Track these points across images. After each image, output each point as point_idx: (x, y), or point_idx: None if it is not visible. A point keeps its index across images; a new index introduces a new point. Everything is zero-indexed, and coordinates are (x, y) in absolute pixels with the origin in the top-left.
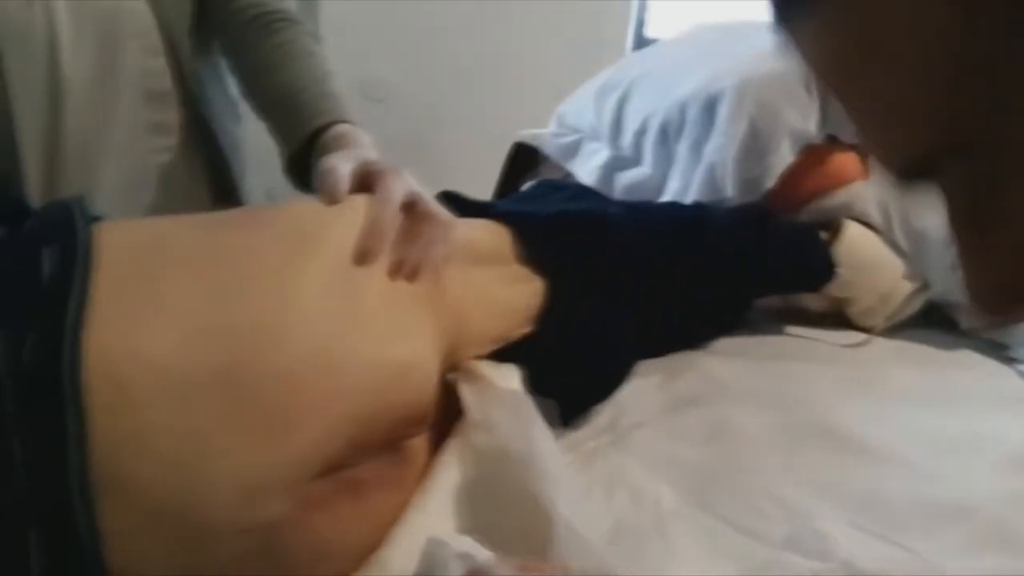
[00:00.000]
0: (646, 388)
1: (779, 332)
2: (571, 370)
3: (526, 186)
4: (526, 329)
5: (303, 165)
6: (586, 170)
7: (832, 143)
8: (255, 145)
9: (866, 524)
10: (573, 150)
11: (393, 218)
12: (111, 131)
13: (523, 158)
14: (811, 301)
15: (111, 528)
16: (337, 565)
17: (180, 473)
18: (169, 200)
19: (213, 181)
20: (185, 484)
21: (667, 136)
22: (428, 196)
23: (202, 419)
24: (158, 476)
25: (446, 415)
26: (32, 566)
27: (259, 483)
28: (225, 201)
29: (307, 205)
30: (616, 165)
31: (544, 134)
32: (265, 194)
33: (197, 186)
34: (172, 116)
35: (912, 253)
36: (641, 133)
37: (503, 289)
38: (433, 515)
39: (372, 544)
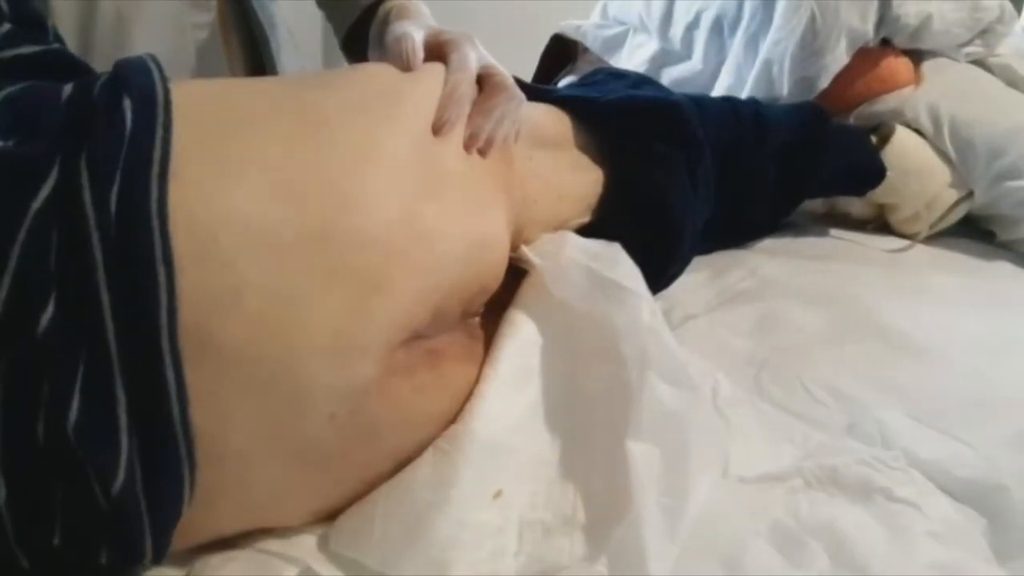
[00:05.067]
0: (696, 283)
1: (823, 235)
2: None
3: (565, 79)
4: (585, 219)
5: (356, 41)
6: (631, 64)
7: (886, 47)
8: (288, 24)
9: (922, 416)
10: (617, 43)
11: (470, 88)
12: (147, 7)
13: (559, 52)
14: (854, 207)
15: (199, 389)
16: (419, 435)
17: (270, 333)
18: (205, 77)
19: (250, 60)
20: (275, 344)
21: (720, 30)
22: (501, 68)
23: (293, 278)
24: (248, 335)
25: (503, 300)
26: (119, 424)
27: (349, 345)
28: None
29: (385, 69)
30: (664, 59)
31: (587, 26)
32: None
33: (234, 65)
34: None
35: (959, 161)
36: (692, 26)
37: (565, 175)
38: (509, 383)
39: (451, 414)
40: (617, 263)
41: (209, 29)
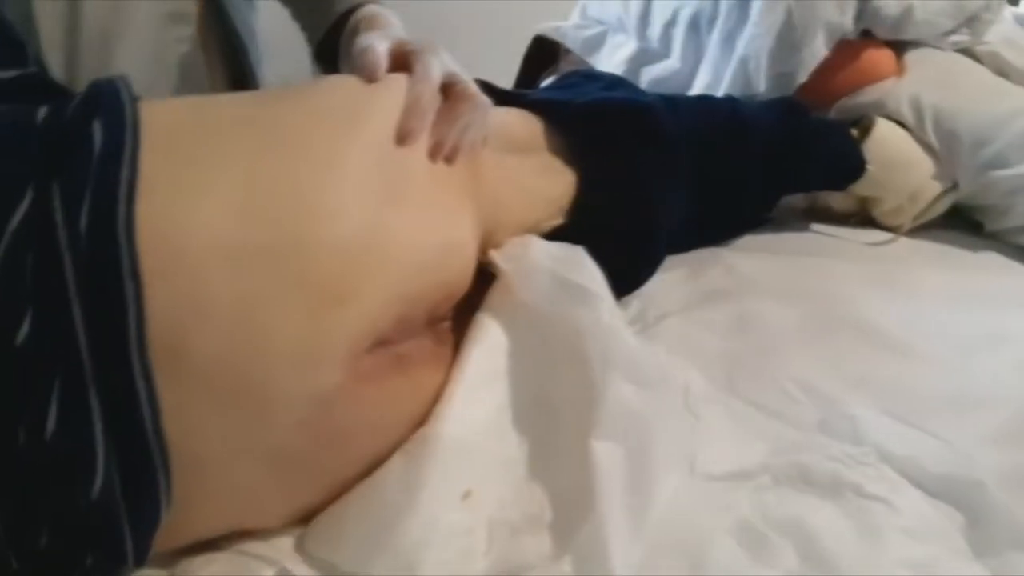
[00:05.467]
0: (672, 281)
1: (804, 230)
2: (602, 262)
3: (547, 80)
4: (557, 221)
5: (330, 50)
6: (611, 64)
7: (866, 38)
8: (269, 33)
9: (897, 412)
10: (597, 43)
11: (433, 97)
12: (129, 21)
13: (542, 53)
14: (837, 200)
15: (170, 398)
16: (388, 438)
17: (237, 343)
18: (187, 90)
19: (230, 70)
20: (241, 354)
21: (698, 27)
22: (466, 76)
23: (258, 288)
24: (215, 346)
25: (473, 304)
26: (95, 432)
27: (314, 353)
28: (242, 89)
29: (348, 82)
30: (643, 59)
31: (566, 27)
32: (281, 83)
33: (215, 76)
34: (189, 5)
35: (943, 152)
36: (671, 24)
37: (536, 178)
38: (476, 386)
39: (420, 418)
40: (580, 266)
41: (189, 43)
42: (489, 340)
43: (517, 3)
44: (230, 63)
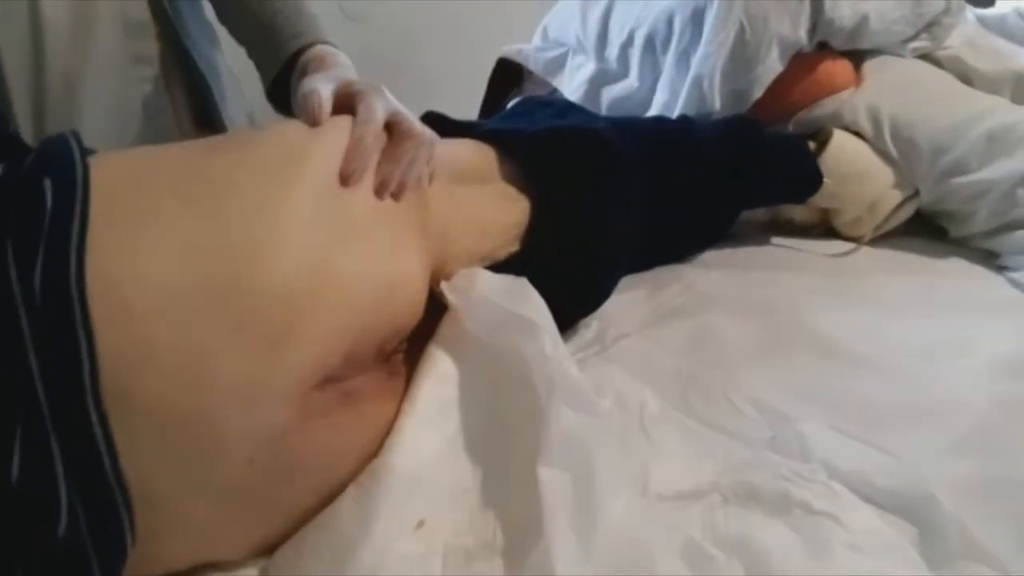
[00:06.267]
0: (632, 301)
1: (765, 244)
2: (558, 288)
3: (511, 103)
4: (513, 248)
5: (284, 88)
6: (572, 85)
7: (823, 51)
8: (239, 69)
9: (847, 427)
10: (559, 65)
11: (377, 138)
12: (93, 64)
13: (507, 75)
14: (797, 213)
15: (124, 440)
16: (341, 472)
17: (183, 386)
18: (153, 130)
19: (194, 108)
20: (188, 396)
21: (654, 47)
22: (409, 114)
23: (203, 334)
24: (163, 389)
25: (428, 334)
26: (57, 475)
27: (259, 393)
28: (207, 127)
29: (291, 127)
30: (602, 79)
31: (528, 49)
32: (246, 118)
33: (179, 114)
34: (151, 46)
35: (902, 162)
36: (627, 45)
37: (489, 208)
38: (427, 416)
39: (373, 450)
40: (524, 298)
41: (152, 83)
42: (439, 371)
43: (484, 26)
44: (194, 102)
